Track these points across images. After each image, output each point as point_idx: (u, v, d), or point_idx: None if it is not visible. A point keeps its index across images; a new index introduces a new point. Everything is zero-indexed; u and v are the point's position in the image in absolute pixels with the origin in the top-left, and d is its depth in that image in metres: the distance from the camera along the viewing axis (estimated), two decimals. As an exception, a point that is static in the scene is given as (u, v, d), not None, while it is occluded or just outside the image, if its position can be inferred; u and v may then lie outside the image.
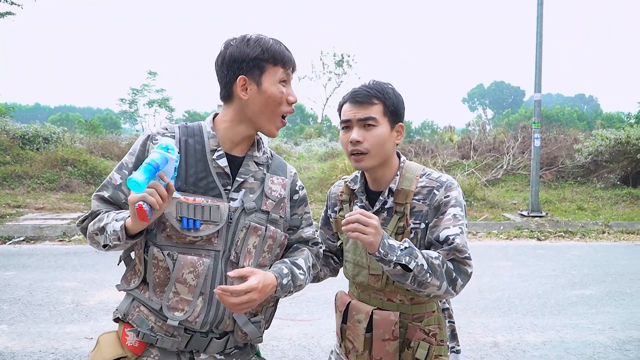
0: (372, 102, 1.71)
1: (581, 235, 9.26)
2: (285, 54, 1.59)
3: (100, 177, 12.91)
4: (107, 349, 1.58)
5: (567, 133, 18.17)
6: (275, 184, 1.70)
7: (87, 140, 18.64)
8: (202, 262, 1.54)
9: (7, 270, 6.34)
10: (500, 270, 6.71)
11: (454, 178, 12.79)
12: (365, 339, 1.75)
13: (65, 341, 4.21)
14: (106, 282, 5.78)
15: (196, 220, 1.52)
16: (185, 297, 1.54)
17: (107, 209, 1.58)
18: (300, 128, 36.66)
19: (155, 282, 1.56)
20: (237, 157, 1.65)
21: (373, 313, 1.74)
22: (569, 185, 13.74)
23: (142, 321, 1.58)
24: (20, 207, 10.19)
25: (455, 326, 1.86)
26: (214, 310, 1.56)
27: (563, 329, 4.63)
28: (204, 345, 1.59)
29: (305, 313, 4.87)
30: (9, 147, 13.64)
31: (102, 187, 1.62)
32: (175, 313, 1.54)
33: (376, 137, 1.71)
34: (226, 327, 1.61)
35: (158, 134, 1.63)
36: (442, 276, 1.59)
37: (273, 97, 1.58)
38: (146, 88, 43.76)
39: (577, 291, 5.76)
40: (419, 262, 1.56)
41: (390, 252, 1.55)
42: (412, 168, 1.81)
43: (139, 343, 1.57)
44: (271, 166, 1.74)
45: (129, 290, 1.62)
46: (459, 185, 1.78)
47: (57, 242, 8.24)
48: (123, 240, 1.44)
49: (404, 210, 1.73)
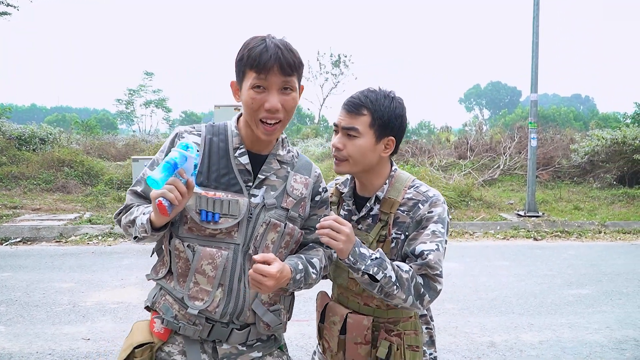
0: (360, 113, 1.72)
1: (577, 235, 9.29)
2: (261, 58, 1.52)
3: (97, 177, 12.90)
4: (137, 334, 1.67)
5: (564, 133, 18.25)
6: (298, 182, 1.73)
7: (83, 141, 18.62)
8: (220, 254, 1.60)
9: (3, 271, 6.33)
10: (497, 270, 6.72)
11: (451, 178, 12.87)
12: (339, 340, 1.80)
13: (63, 342, 4.20)
14: (103, 283, 5.77)
15: (215, 213, 1.58)
16: (205, 287, 1.60)
17: (140, 203, 1.67)
18: (297, 128, 36.63)
19: (178, 272, 1.64)
20: (260, 155, 1.70)
21: (347, 317, 1.79)
22: (565, 185, 13.77)
23: (167, 309, 1.65)
24: (16, 208, 10.17)
25: (433, 332, 1.89)
26: (233, 302, 1.62)
27: (560, 328, 4.65)
28: (226, 336, 1.64)
29: (303, 313, 4.87)
30: (5, 147, 13.62)
31: (136, 182, 1.71)
32: (196, 302, 1.60)
33: (356, 147, 1.72)
34: (247, 319, 1.66)
35: (185, 132, 1.70)
36: (409, 290, 1.61)
37: (246, 104, 1.59)
38: (143, 88, 43.75)
39: (574, 291, 5.78)
40: (387, 274, 1.58)
41: (360, 260, 1.58)
42: (402, 178, 1.82)
43: (164, 330, 1.65)
44: (296, 165, 1.77)
45: (156, 280, 1.71)
46: (445, 201, 1.79)
47: (54, 243, 8.22)
48: (149, 233, 1.51)
49: (388, 219, 1.76)
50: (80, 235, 8.48)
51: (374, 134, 1.73)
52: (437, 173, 13.80)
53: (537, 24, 10.38)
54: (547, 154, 14.98)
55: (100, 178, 12.93)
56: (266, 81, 1.55)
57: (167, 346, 1.66)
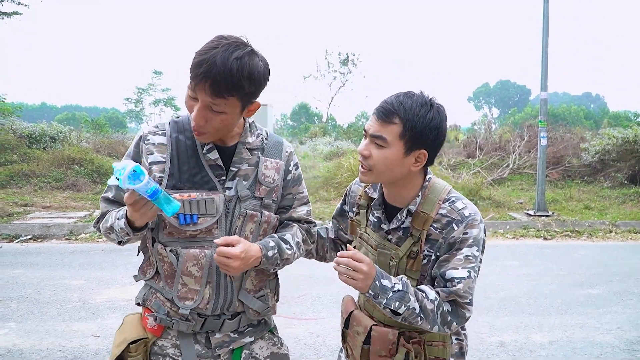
0: (390, 121, 1.56)
1: (588, 234, 9.22)
2: (195, 70, 1.44)
3: (106, 175, 12.94)
4: (131, 329, 1.69)
5: (574, 132, 18.11)
6: (269, 168, 1.71)
7: (93, 140, 18.67)
8: (204, 254, 1.61)
9: (14, 269, 6.37)
10: (506, 269, 6.69)
11: (460, 177, 12.81)
12: (363, 350, 1.73)
13: (73, 339, 4.23)
14: (112, 280, 5.80)
15: (193, 214, 1.58)
16: (193, 287, 1.62)
17: (113, 208, 1.67)
18: (305, 127, 36.67)
19: (165, 274, 1.65)
20: (228, 147, 1.67)
21: (372, 329, 1.70)
22: (575, 185, 13.68)
23: (159, 307, 1.67)
24: (27, 206, 10.24)
25: (464, 344, 1.78)
26: (222, 296, 1.65)
27: (570, 328, 4.62)
28: (218, 326, 1.68)
29: (311, 312, 4.87)
30: (16, 146, 13.71)
31: (107, 189, 1.71)
32: (186, 302, 1.63)
33: (382, 158, 1.59)
34: (237, 309, 1.70)
35: (150, 134, 1.67)
36: (435, 320, 1.56)
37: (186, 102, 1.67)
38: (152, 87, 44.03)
39: (585, 291, 5.74)
40: (411, 306, 1.53)
41: (382, 294, 1.53)
42: (437, 189, 1.68)
43: (157, 326, 1.68)
44: (266, 148, 1.74)
45: (145, 280, 1.73)
46: (482, 220, 1.66)
47: (64, 241, 8.27)
48: (132, 235, 1.54)
49: (420, 235, 1.63)
50: (90, 233, 8.52)
51: (403, 146, 1.57)
52: (445, 172, 13.75)
53: (547, 22, 10.30)
54: (557, 153, 14.89)
55: (110, 176, 12.94)
56: (195, 94, 1.51)
57: (160, 340, 1.69)
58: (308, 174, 13.73)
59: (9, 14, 15.48)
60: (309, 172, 14.05)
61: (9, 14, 15.48)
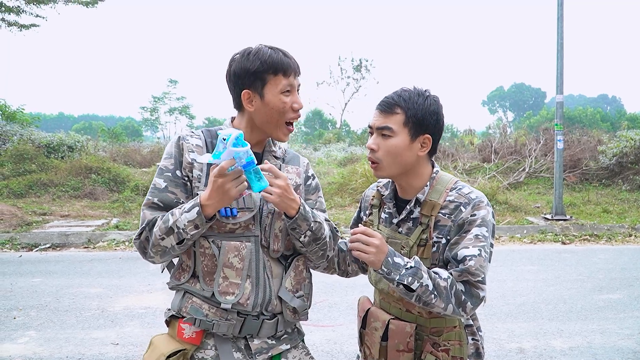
0: (393, 112, 1.70)
1: (607, 238, 9.11)
2: (283, 62, 1.65)
3: (123, 184, 13.09)
4: (164, 345, 1.67)
5: (591, 134, 17.90)
6: (291, 172, 1.82)
7: (110, 148, 18.90)
8: (244, 245, 1.65)
9: (34, 277, 6.45)
10: (524, 274, 6.63)
11: (475, 182, 12.73)
12: (380, 347, 1.75)
13: (92, 347, 4.27)
14: (130, 288, 5.85)
15: (232, 208, 1.63)
16: (234, 280, 1.65)
17: (163, 214, 1.64)
18: (319, 133, 36.68)
19: (204, 272, 1.66)
20: (257, 153, 1.75)
21: (389, 322, 1.74)
22: (593, 188, 13.52)
23: (197, 310, 1.66)
24: (46, 215, 10.37)
25: (480, 344, 1.79)
26: (262, 292, 1.68)
27: (590, 334, 4.56)
28: (257, 328, 1.69)
29: (328, 319, 4.86)
30: (34, 155, 13.90)
31: (150, 195, 1.68)
32: (227, 297, 1.64)
33: (390, 147, 1.69)
34: (275, 308, 1.72)
35: (188, 136, 1.75)
36: (449, 298, 1.58)
37: (276, 108, 1.67)
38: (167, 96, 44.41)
39: (604, 296, 5.66)
40: (424, 283, 1.55)
41: (394, 270, 1.57)
42: (444, 180, 1.77)
43: (196, 334, 1.67)
44: (286, 158, 1.87)
45: (179, 285, 1.72)
46: (489, 203, 1.73)
47: (82, 249, 8.36)
48: (202, 226, 1.56)
49: (429, 222, 1.70)
50: (107, 241, 8.61)
51: (408, 132, 1.69)
52: (461, 176, 13.67)
53: (562, 24, 10.24)
54: (574, 156, 14.72)
55: (127, 184, 13.12)
56: (292, 85, 1.68)
57: (199, 352, 1.67)
58: (322, 180, 13.73)
59: (27, 26, 15.74)
60: (324, 178, 14.06)
61: (27, 26, 15.74)
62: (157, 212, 1.66)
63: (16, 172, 13.13)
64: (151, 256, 1.66)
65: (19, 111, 17.44)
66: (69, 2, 15.13)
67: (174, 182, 1.68)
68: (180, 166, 1.69)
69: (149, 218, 1.65)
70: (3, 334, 4.54)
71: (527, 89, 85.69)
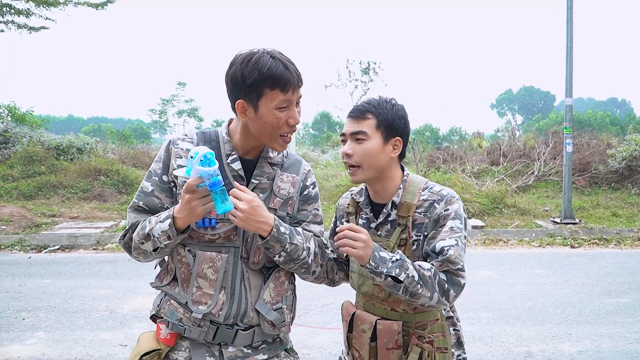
0: (365, 117, 1.78)
1: (616, 242, 9.05)
2: (282, 76, 1.56)
3: (132, 186, 13.15)
4: (144, 343, 1.70)
5: (600, 138, 17.81)
6: (285, 182, 1.76)
7: (119, 150, 18.98)
8: (220, 257, 1.63)
9: (43, 278, 6.50)
10: (533, 278, 6.60)
11: (484, 185, 12.69)
12: (370, 348, 1.81)
13: (101, 348, 4.29)
14: (139, 290, 5.88)
15: (212, 219, 1.62)
16: (207, 291, 1.64)
17: (145, 218, 1.67)
18: (327, 136, 36.70)
19: (181, 278, 1.68)
20: (251, 160, 1.74)
21: (377, 323, 1.80)
22: (602, 191, 13.44)
23: (172, 313, 1.68)
24: (55, 216, 10.44)
25: (461, 334, 1.89)
26: (236, 304, 1.65)
27: (599, 338, 4.53)
28: (231, 337, 1.67)
29: (336, 322, 4.86)
30: (44, 157, 14.00)
31: (136, 197, 1.72)
32: (199, 306, 1.64)
33: (366, 150, 1.77)
34: (251, 320, 1.69)
35: (179, 139, 1.74)
36: (434, 287, 1.65)
37: (269, 123, 1.61)
38: (175, 98, 44.56)
39: (613, 299, 5.63)
40: (410, 274, 1.62)
41: (381, 264, 1.63)
42: (415, 181, 1.86)
43: (170, 335, 1.68)
44: (285, 164, 1.81)
45: (161, 287, 1.74)
46: (460, 198, 1.83)
47: (91, 251, 8.42)
48: (174, 237, 1.57)
49: (407, 222, 1.79)
50: (116, 243, 8.64)
51: (381, 135, 1.78)
52: (469, 180, 13.63)
53: (571, 27, 10.19)
54: (583, 160, 14.63)
55: (135, 186, 13.17)
56: (290, 101, 1.61)
57: (173, 353, 1.69)
58: (330, 182, 13.74)
59: (36, 28, 15.86)
60: (332, 180, 14.06)
61: (36, 28, 15.86)
62: (141, 215, 1.69)
63: (26, 173, 13.23)
64: (135, 256, 1.71)
65: (28, 113, 17.59)
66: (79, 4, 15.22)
67: (160, 187, 1.70)
68: (167, 171, 1.70)
69: (132, 221, 1.69)
70: (12, 335, 4.57)
71: (536, 92, 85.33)
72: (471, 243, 9.01)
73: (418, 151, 16.03)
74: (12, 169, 13.49)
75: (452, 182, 12.31)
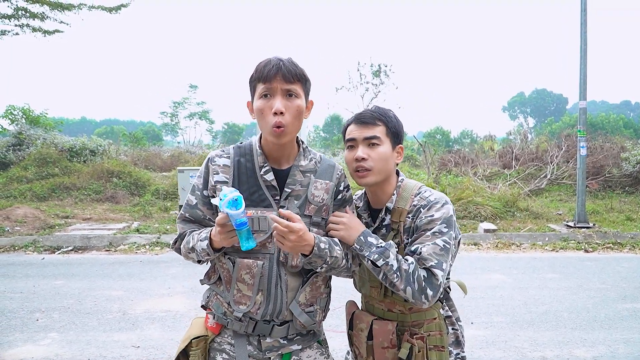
0: (375, 124, 1.87)
1: (631, 246, 8.94)
2: (264, 69, 1.71)
3: (144, 188, 13.23)
4: (195, 328, 1.91)
5: (614, 141, 17.64)
6: (319, 189, 1.85)
7: (131, 153, 19.13)
8: (256, 264, 1.77)
9: (56, 279, 6.54)
10: (546, 282, 6.53)
11: (495, 188, 12.61)
12: (367, 346, 1.90)
13: (113, 349, 4.31)
14: (151, 291, 5.89)
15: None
16: (246, 293, 1.79)
17: (191, 229, 1.89)
18: (338, 138, 36.65)
19: (225, 280, 1.85)
20: (283, 170, 1.85)
21: (373, 323, 1.89)
22: (616, 195, 13.31)
23: (218, 307, 1.87)
24: (68, 218, 10.52)
25: (459, 333, 1.95)
26: (272, 304, 1.79)
27: (614, 343, 4.47)
28: (268, 331, 1.82)
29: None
30: (57, 159, 14.13)
31: (183, 209, 1.92)
32: (240, 306, 1.81)
33: (380, 154, 1.86)
34: (285, 317, 1.83)
35: (216, 156, 1.88)
36: (409, 281, 1.70)
37: (257, 112, 1.76)
38: (187, 101, 44.68)
39: (628, 305, 5.56)
40: (389, 262, 1.72)
41: (366, 247, 1.76)
42: (409, 187, 1.92)
43: (216, 325, 1.88)
44: (318, 170, 1.89)
45: (209, 284, 1.93)
46: (449, 201, 1.87)
47: (104, 252, 8.46)
48: (212, 255, 1.77)
49: (399, 227, 1.87)
50: (128, 244, 8.69)
51: (390, 142, 1.89)
52: (480, 183, 13.56)
53: (585, 30, 10.12)
54: (597, 163, 14.51)
55: (147, 188, 13.26)
56: (271, 89, 1.72)
57: (218, 337, 1.88)
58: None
59: (51, 32, 15.99)
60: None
61: (51, 32, 15.99)
62: (187, 225, 1.91)
63: (39, 175, 13.36)
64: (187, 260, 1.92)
65: (42, 115, 17.74)
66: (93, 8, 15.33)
67: (202, 201, 1.87)
68: (207, 186, 1.85)
69: (181, 231, 1.92)
70: (26, 335, 4.60)
71: (548, 95, 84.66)
72: (483, 246, 8.95)
73: (429, 154, 15.97)
74: (26, 170, 13.63)
75: (463, 185, 12.26)
